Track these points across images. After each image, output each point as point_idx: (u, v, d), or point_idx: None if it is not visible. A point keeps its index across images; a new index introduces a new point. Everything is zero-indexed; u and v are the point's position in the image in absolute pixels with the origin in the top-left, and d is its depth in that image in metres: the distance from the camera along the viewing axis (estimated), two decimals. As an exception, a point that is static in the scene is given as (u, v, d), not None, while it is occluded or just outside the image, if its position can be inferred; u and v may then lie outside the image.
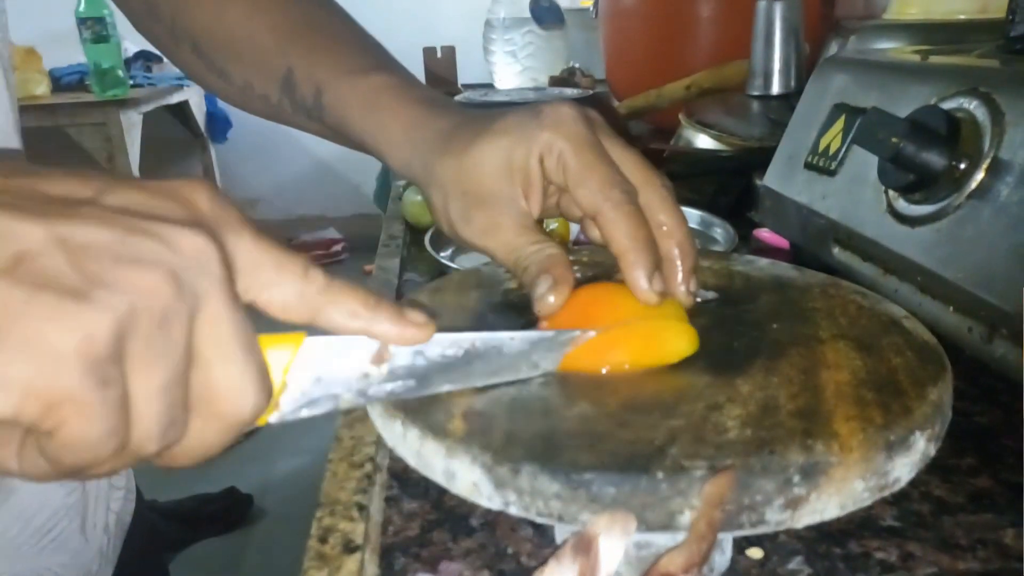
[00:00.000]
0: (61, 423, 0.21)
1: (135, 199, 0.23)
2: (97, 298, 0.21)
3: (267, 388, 0.25)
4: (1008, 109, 0.39)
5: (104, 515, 0.54)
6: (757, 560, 0.31)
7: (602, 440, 0.28)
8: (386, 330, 0.28)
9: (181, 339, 0.23)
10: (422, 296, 0.41)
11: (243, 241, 0.25)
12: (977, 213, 0.39)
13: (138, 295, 0.22)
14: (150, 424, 0.23)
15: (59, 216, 0.21)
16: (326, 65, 0.47)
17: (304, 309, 0.26)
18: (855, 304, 0.39)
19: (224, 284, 0.24)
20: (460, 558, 0.31)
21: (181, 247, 0.23)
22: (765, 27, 0.96)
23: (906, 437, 0.29)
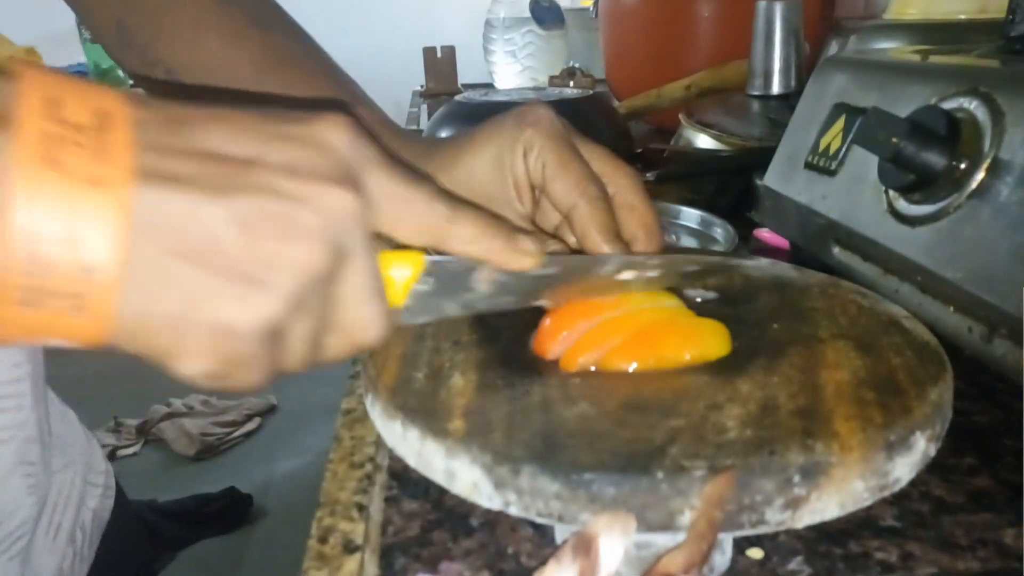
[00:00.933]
0: (235, 375, 0.26)
1: (291, 155, 0.26)
2: (270, 282, 0.25)
3: (390, 315, 0.29)
4: (1008, 109, 0.39)
5: (76, 513, 0.54)
6: (757, 560, 0.31)
7: (602, 440, 0.28)
8: (500, 258, 0.31)
9: (330, 291, 0.27)
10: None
11: (377, 180, 0.28)
12: (977, 213, 0.39)
13: (303, 271, 0.25)
14: (298, 357, 0.27)
15: (231, 190, 0.24)
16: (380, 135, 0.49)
17: (427, 237, 0.29)
18: (855, 304, 0.39)
19: (366, 239, 0.27)
20: (460, 558, 0.31)
21: (335, 211, 0.26)
22: (765, 27, 0.96)
23: (906, 437, 0.29)
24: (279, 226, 0.25)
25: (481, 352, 0.35)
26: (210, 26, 0.49)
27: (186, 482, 2.02)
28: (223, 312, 0.24)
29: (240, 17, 0.50)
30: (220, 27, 0.49)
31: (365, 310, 0.28)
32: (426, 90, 1.89)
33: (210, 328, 0.24)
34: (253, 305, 0.24)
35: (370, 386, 0.33)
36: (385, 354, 0.35)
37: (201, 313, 0.24)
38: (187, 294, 0.24)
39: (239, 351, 0.25)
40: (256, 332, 0.25)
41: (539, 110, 0.39)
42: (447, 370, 0.34)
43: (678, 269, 0.37)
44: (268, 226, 0.24)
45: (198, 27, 0.49)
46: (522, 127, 0.39)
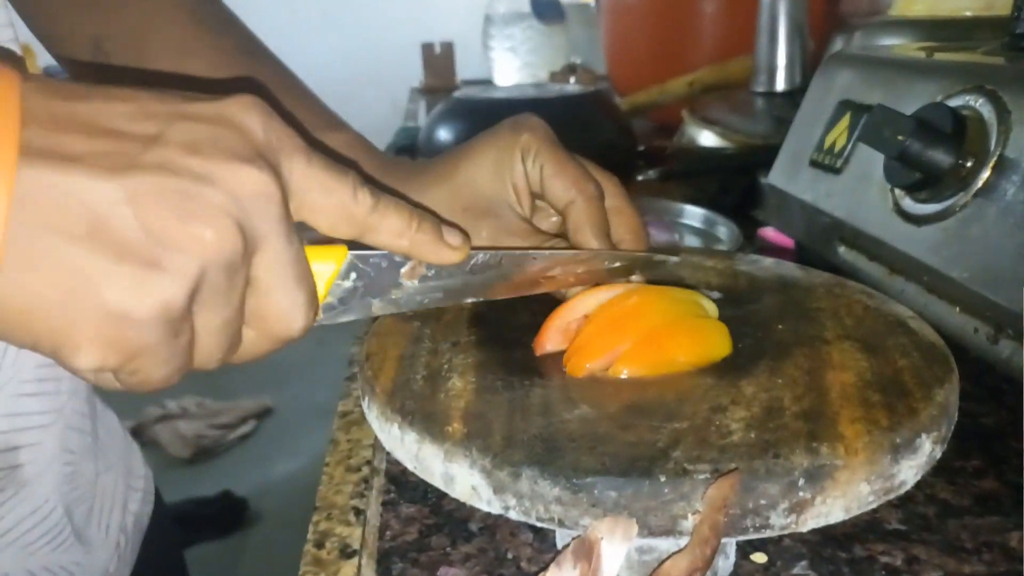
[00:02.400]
0: (138, 369, 0.24)
1: (196, 133, 0.24)
2: (171, 265, 0.23)
3: (314, 307, 0.28)
4: (1014, 107, 0.39)
5: (120, 516, 0.54)
6: (761, 565, 0.31)
7: (603, 443, 0.28)
8: (426, 251, 0.30)
9: (242, 278, 0.25)
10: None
11: (296, 165, 0.26)
12: (983, 212, 0.39)
13: (207, 253, 0.23)
14: (212, 351, 0.26)
15: (127, 168, 0.23)
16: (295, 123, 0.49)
17: (351, 229, 0.28)
18: (861, 304, 0.38)
19: (283, 221, 0.25)
20: (459, 563, 0.31)
21: (244, 191, 0.24)
22: (769, 23, 0.96)
23: (912, 439, 0.28)
24: (178, 205, 0.23)
25: (480, 354, 0.35)
26: (195, 52, 0.48)
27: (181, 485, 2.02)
28: (114, 296, 0.23)
29: (227, 45, 0.49)
30: (206, 53, 0.49)
31: (284, 299, 0.26)
32: (424, 86, 1.89)
33: (101, 314, 0.23)
34: (147, 289, 0.23)
35: (367, 388, 0.33)
36: (382, 356, 0.35)
37: (90, 297, 0.22)
38: (74, 276, 0.22)
39: (136, 341, 0.23)
40: (153, 319, 0.23)
41: (532, 118, 0.40)
42: (446, 372, 0.33)
43: (603, 265, 0.37)
44: (166, 205, 0.23)
45: (183, 53, 0.48)
46: (518, 132, 0.39)
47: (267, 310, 0.26)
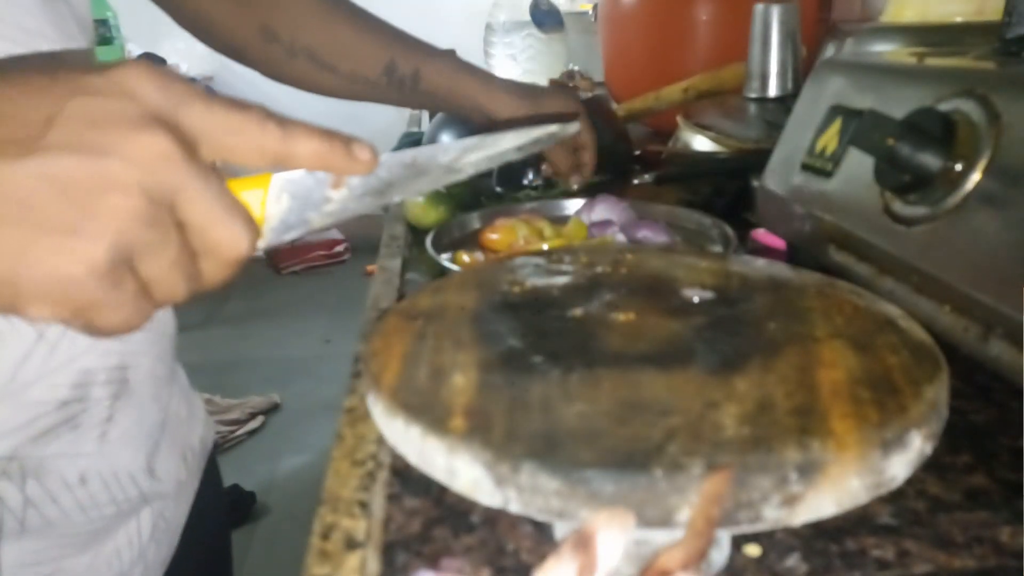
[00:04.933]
0: (93, 318, 0.27)
1: (91, 108, 0.26)
2: (88, 231, 0.26)
3: (253, 227, 0.30)
4: (1004, 111, 0.39)
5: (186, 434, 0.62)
6: (755, 557, 0.31)
7: (601, 437, 0.29)
8: (341, 166, 0.32)
9: (169, 224, 0.28)
10: (423, 296, 0.42)
11: (195, 112, 0.28)
12: (973, 214, 0.39)
13: (119, 216, 0.26)
14: (170, 290, 0.29)
15: (33, 151, 0.25)
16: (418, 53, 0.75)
17: (266, 160, 0.31)
18: (851, 304, 0.39)
19: (189, 167, 0.28)
20: (461, 555, 0.31)
21: (143, 155, 0.26)
22: (762, 30, 0.96)
23: (902, 435, 0.29)
24: (87, 179, 0.26)
25: (482, 351, 0.35)
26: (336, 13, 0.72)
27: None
28: (49, 263, 0.26)
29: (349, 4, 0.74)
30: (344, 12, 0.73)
31: (222, 230, 0.29)
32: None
33: (42, 279, 0.26)
34: (76, 253, 0.26)
35: (372, 385, 0.34)
36: (387, 353, 0.36)
37: (28, 267, 0.26)
38: (10, 252, 0.26)
39: (83, 297, 0.27)
40: (84, 277, 0.26)
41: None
42: (448, 369, 0.34)
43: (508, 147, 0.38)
44: (76, 180, 0.26)
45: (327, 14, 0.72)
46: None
47: (210, 243, 0.29)
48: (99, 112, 0.26)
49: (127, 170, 0.26)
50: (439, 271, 0.63)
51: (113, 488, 0.52)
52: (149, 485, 0.55)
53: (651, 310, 0.39)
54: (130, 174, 0.26)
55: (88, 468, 0.50)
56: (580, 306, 0.40)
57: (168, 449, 0.58)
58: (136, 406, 0.53)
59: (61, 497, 0.49)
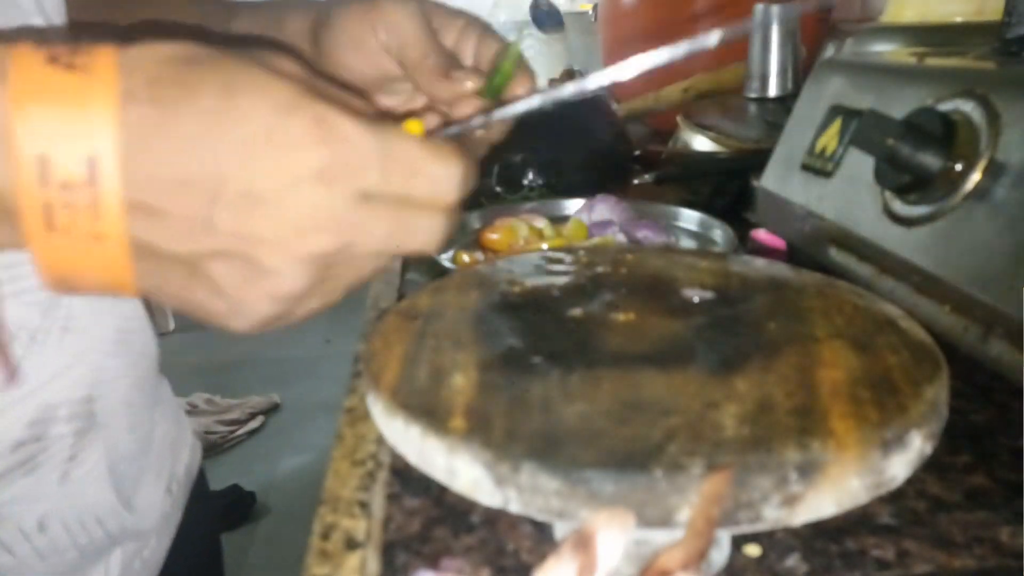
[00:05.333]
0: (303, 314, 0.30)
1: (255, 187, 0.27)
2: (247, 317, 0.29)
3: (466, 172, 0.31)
4: (1004, 111, 0.39)
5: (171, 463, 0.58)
6: (755, 557, 0.31)
7: (601, 437, 0.29)
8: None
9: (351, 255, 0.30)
10: (423, 296, 0.42)
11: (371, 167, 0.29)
12: (973, 214, 0.39)
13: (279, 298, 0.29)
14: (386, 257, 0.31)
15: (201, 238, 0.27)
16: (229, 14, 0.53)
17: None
18: (851, 304, 0.39)
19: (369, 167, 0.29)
20: (461, 555, 0.31)
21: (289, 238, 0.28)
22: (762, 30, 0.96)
23: (902, 435, 0.29)
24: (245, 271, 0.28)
25: (482, 351, 0.35)
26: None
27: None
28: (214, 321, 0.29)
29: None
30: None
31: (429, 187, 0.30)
32: (426, 92, 1.89)
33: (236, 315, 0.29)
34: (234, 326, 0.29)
35: (372, 385, 0.34)
36: (387, 354, 0.36)
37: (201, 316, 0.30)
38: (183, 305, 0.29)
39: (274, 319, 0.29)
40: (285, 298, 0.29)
41: None
42: (448, 369, 0.34)
43: None
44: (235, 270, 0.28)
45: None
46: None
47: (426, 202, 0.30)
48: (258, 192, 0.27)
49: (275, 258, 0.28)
50: (439, 271, 0.64)
51: (76, 532, 0.48)
52: (120, 524, 0.50)
53: (651, 310, 0.39)
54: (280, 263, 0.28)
55: (48, 513, 0.46)
56: (580, 306, 0.40)
57: (152, 481, 0.54)
58: (105, 440, 0.49)
59: (17, 547, 0.45)
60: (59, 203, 0.25)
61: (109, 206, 0.25)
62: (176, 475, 0.58)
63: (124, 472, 0.51)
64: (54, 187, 0.25)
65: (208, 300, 0.28)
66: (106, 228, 0.26)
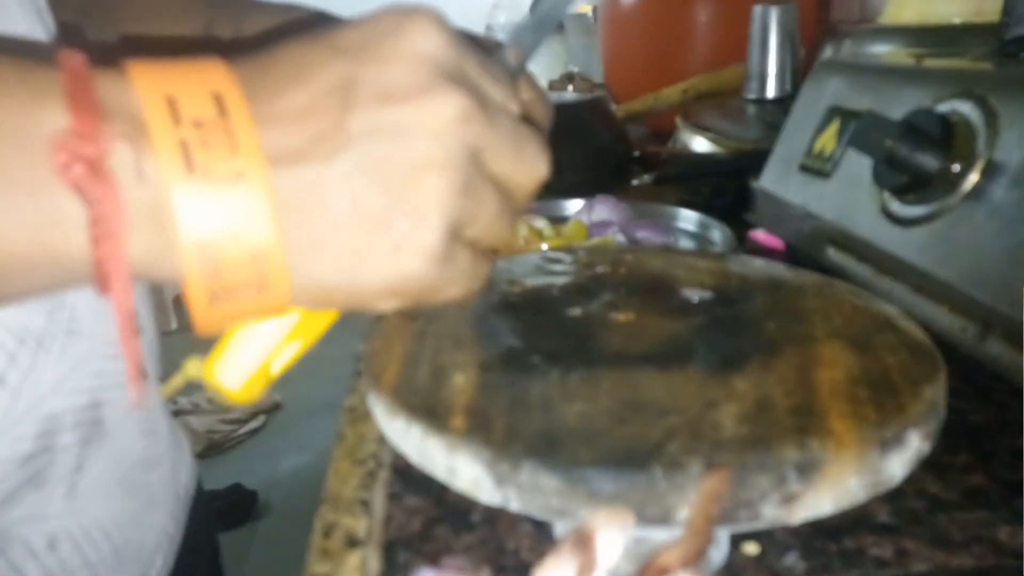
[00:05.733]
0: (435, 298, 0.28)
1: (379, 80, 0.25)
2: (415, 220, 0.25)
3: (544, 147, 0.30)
4: (1002, 111, 0.40)
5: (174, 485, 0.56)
6: (753, 555, 0.31)
7: (601, 437, 0.29)
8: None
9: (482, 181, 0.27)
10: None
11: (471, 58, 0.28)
12: (971, 214, 0.39)
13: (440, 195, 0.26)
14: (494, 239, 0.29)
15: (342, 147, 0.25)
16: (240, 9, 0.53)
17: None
18: (850, 304, 0.39)
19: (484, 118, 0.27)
20: (461, 553, 0.31)
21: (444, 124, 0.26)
22: (761, 32, 0.97)
23: (900, 434, 0.29)
24: (400, 165, 0.25)
25: (482, 351, 0.36)
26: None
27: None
28: (387, 263, 0.26)
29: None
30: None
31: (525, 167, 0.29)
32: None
33: (383, 280, 0.26)
34: (410, 247, 0.26)
35: (373, 384, 0.34)
36: (388, 353, 0.36)
37: (368, 271, 0.26)
38: (350, 256, 0.25)
39: (419, 284, 0.26)
40: (423, 268, 0.26)
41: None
42: (448, 369, 0.34)
43: None
44: (390, 168, 0.25)
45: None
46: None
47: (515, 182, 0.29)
48: (389, 83, 0.25)
49: (433, 146, 0.25)
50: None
51: (85, 549, 0.46)
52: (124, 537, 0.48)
53: (650, 310, 0.40)
54: (438, 149, 0.25)
55: (57, 530, 0.44)
56: (580, 306, 0.40)
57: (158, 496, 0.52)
58: (111, 447, 0.47)
59: (27, 568, 0.43)
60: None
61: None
62: (177, 494, 0.56)
63: (136, 480, 0.49)
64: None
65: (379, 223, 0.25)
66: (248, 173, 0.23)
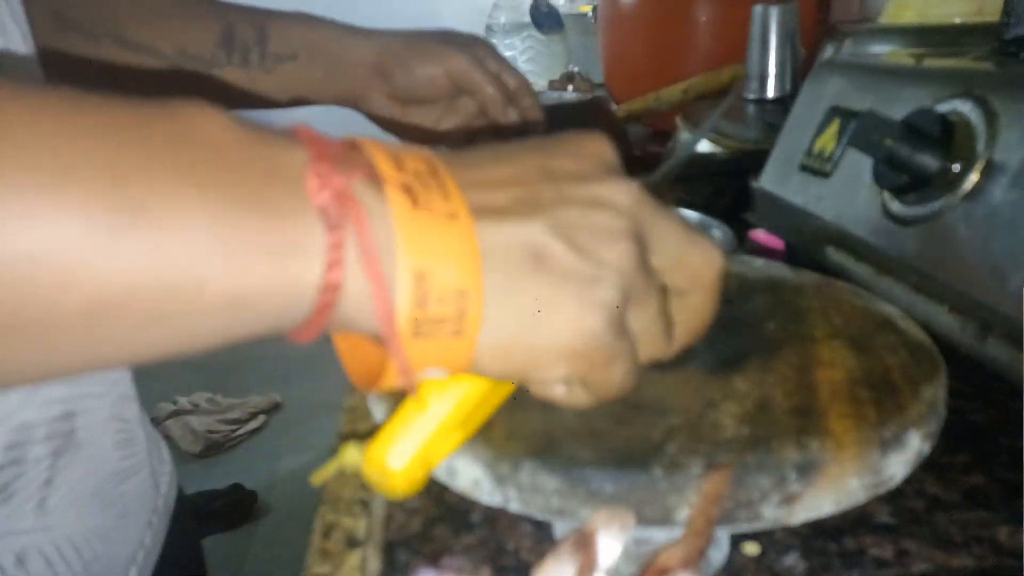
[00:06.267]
0: (601, 376, 0.28)
1: (569, 167, 0.28)
2: (603, 276, 0.27)
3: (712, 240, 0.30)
4: (1002, 112, 0.39)
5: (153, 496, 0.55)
6: (754, 556, 0.31)
7: (601, 437, 0.29)
8: None
9: (651, 268, 0.28)
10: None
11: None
12: (971, 214, 0.39)
13: (623, 260, 0.27)
14: (656, 342, 0.29)
15: (541, 208, 0.27)
16: (260, 14, 0.60)
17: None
18: (849, 303, 0.39)
19: (650, 204, 0.29)
20: (461, 554, 0.31)
21: (620, 201, 0.28)
22: (761, 31, 0.96)
23: (900, 435, 0.29)
24: (588, 227, 0.27)
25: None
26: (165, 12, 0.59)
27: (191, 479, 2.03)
28: (571, 312, 0.26)
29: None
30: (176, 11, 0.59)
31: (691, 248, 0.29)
32: (425, 93, 1.89)
33: (564, 331, 0.27)
34: (593, 299, 0.26)
35: (372, 385, 0.34)
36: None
37: (553, 319, 0.26)
38: (537, 304, 0.26)
39: (594, 347, 0.27)
40: (603, 324, 0.27)
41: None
42: (448, 369, 0.34)
43: None
44: (579, 229, 0.27)
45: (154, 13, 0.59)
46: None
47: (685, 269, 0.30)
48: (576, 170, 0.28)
49: (617, 218, 0.27)
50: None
51: (56, 564, 0.45)
52: (94, 552, 0.47)
53: (650, 310, 0.39)
54: (620, 222, 0.27)
55: (27, 545, 0.43)
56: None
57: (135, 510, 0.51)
58: (83, 459, 0.46)
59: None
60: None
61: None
62: (157, 508, 0.55)
63: (111, 492, 0.48)
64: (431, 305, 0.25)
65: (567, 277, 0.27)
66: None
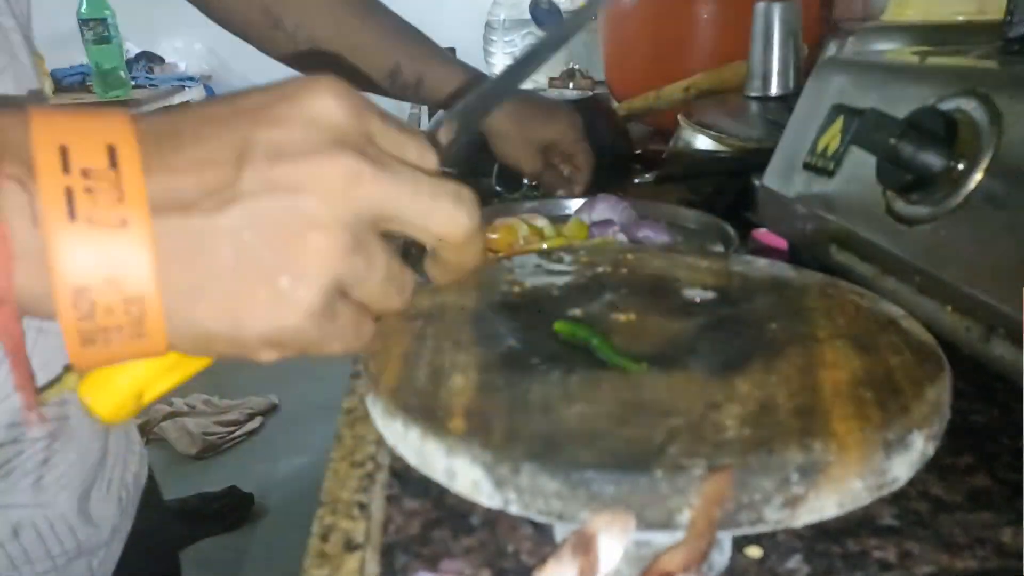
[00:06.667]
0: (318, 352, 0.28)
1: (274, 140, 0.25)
2: (298, 276, 0.25)
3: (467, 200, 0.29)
4: (1006, 110, 0.39)
5: (122, 472, 0.58)
6: (756, 559, 0.31)
7: (602, 439, 0.28)
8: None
9: (375, 244, 0.27)
10: (423, 296, 0.42)
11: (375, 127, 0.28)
12: (975, 214, 0.39)
13: (325, 254, 0.25)
14: (385, 304, 0.28)
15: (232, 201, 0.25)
16: (423, 59, 0.76)
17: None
18: (853, 304, 0.39)
19: (380, 177, 0.26)
20: (461, 556, 0.31)
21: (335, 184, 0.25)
22: (763, 29, 0.96)
23: (904, 436, 0.29)
24: (288, 221, 0.25)
25: (481, 352, 0.35)
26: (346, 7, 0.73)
27: (188, 481, 2.03)
28: (267, 316, 0.25)
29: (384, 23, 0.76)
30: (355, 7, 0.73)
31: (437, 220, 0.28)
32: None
33: (261, 331, 0.26)
34: (291, 303, 0.25)
35: (371, 385, 0.34)
36: (386, 354, 0.35)
37: (248, 321, 0.25)
38: (230, 307, 0.25)
39: (300, 339, 0.26)
40: (303, 324, 0.26)
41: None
42: (448, 370, 0.34)
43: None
44: (278, 224, 0.25)
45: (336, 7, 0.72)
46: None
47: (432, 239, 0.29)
48: (283, 144, 0.25)
49: (323, 205, 0.25)
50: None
51: (49, 541, 0.48)
52: (86, 534, 0.51)
53: (652, 310, 0.39)
54: (326, 209, 0.25)
55: (22, 519, 0.46)
56: (580, 306, 0.40)
57: (105, 491, 0.54)
58: (75, 444, 0.49)
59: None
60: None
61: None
62: (126, 484, 0.58)
63: (96, 477, 0.51)
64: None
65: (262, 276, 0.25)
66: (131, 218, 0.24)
